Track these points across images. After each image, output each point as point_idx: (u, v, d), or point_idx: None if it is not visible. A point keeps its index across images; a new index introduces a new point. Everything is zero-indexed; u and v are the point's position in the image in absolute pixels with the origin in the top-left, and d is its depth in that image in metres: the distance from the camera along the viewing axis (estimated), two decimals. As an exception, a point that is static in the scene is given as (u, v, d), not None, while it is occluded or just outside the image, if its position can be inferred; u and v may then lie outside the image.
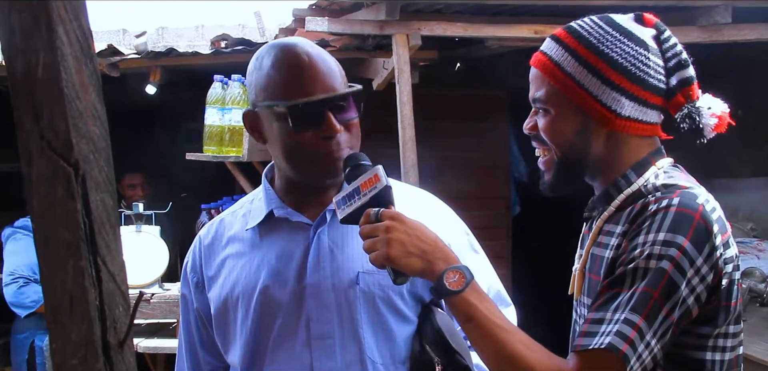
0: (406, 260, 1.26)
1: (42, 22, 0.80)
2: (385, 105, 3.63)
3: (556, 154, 1.36)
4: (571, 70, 1.31)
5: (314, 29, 3.54)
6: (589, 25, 1.34)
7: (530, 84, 1.38)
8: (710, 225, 1.21)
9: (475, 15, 3.63)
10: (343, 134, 1.40)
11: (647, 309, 1.18)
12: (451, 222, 1.59)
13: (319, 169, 1.41)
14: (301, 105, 1.36)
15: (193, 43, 5.19)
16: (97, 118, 0.87)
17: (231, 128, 3.45)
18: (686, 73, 1.32)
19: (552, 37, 1.37)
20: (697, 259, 1.20)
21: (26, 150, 0.84)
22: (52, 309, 0.88)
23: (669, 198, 1.23)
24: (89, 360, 0.87)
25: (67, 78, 0.82)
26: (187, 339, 1.60)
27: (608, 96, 1.30)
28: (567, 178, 1.38)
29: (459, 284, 1.25)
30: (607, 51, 1.30)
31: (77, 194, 0.84)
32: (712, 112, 1.32)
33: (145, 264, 3.57)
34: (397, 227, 1.27)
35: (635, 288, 1.19)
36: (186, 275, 1.58)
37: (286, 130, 1.38)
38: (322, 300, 1.43)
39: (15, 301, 3.67)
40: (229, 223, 1.56)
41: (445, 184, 4.30)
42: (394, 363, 1.46)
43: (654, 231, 1.21)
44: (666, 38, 1.34)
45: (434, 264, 1.27)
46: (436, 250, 1.28)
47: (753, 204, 4.84)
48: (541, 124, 1.36)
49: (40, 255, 0.87)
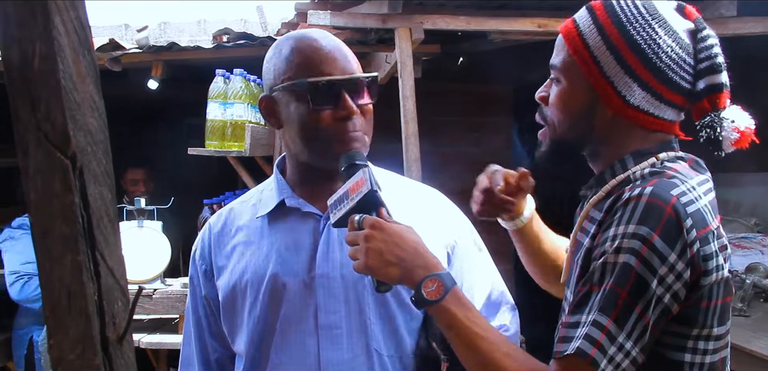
0: (384, 270, 1.25)
1: (38, 11, 0.79)
2: (388, 99, 3.61)
3: (556, 129, 1.33)
4: (591, 43, 1.27)
5: (316, 23, 3.51)
6: (626, 1, 1.29)
7: (554, 49, 1.35)
8: (682, 219, 1.14)
9: (478, 9, 3.60)
10: (357, 117, 1.43)
11: (616, 310, 1.13)
12: (455, 220, 1.60)
13: (333, 149, 1.42)
14: (321, 83, 1.41)
15: (195, 38, 5.18)
16: (95, 110, 0.86)
17: (233, 123, 3.44)
18: (717, 78, 1.26)
19: (587, 6, 1.33)
20: (670, 255, 1.13)
21: (23, 142, 0.83)
22: (50, 304, 0.86)
23: (642, 187, 1.17)
24: (87, 355, 0.86)
25: (64, 69, 0.81)
26: (196, 324, 1.60)
27: (620, 80, 1.25)
28: (560, 155, 1.34)
29: (437, 293, 1.22)
30: (632, 32, 1.25)
31: (75, 187, 0.83)
32: (735, 126, 1.27)
33: (147, 259, 3.55)
34: (375, 235, 1.25)
35: (604, 285, 1.15)
36: (195, 262, 1.59)
37: (305, 108, 1.42)
38: (330, 291, 1.44)
39: (22, 297, 3.68)
40: (239, 212, 1.57)
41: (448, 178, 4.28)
42: (399, 356, 1.47)
43: (624, 222, 1.15)
44: (703, 36, 1.28)
45: (413, 273, 1.24)
46: (415, 258, 1.25)
47: (756, 200, 4.82)
48: (553, 92, 1.33)
49: (38, 249, 0.86)
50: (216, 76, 3.47)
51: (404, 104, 3.40)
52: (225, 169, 3.84)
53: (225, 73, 3.47)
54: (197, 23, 6.27)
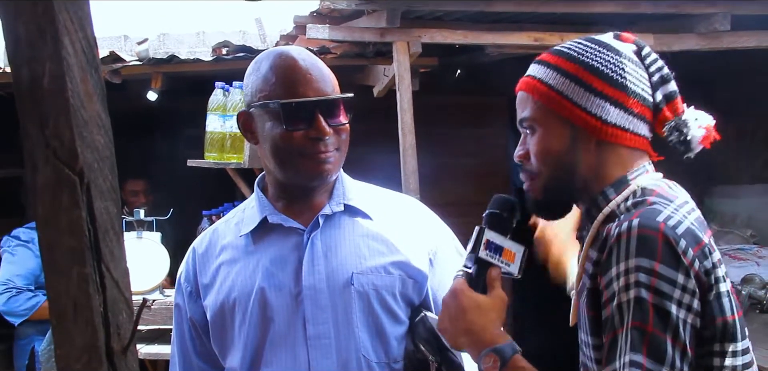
0: (454, 340, 1.31)
1: (48, 33, 0.82)
2: (386, 112, 3.64)
3: (544, 174, 1.33)
4: (554, 83, 1.31)
5: (315, 36, 3.55)
6: (570, 43, 1.35)
7: (517, 109, 1.37)
8: (674, 242, 1.16)
9: (475, 22, 3.64)
10: (331, 137, 1.46)
11: (645, 345, 1.13)
12: (435, 228, 1.64)
13: (306, 169, 1.46)
14: (294, 104, 1.44)
15: (194, 50, 5.21)
16: (102, 128, 0.88)
17: (232, 135, 3.46)
18: (670, 87, 1.32)
19: (536, 60, 1.38)
20: (678, 277, 1.15)
21: (32, 158, 0.86)
22: (56, 315, 0.89)
23: (629, 220, 1.18)
24: (93, 365, 0.88)
25: (72, 88, 0.83)
26: (181, 348, 1.62)
27: (592, 103, 1.29)
28: (553, 199, 1.36)
29: (495, 368, 1.25)
30: (588, 60, 1.30)
31: (82, 202, 0.85)
32: (699, 124, 1.31)
33: (146, 270, 3.57)
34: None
35: (626, 324, 1.15)
36: (180, 285, 1.61)
37: (278, 129, 1.45)
38: (317, 302, 1.48)
39: (6, 310, 3.73)
40: (223, 232, 1.60)
41: (445, 190, 4.32)
42: (388, 362, 1.51)
43: (623, 259, 1.17)
44: (646, 54, 1.35)
45: (478, 346, 1.29)
46: (482, 333, 1.29)
47: (751, 211, 4.85)
48: (531, 144, 1.34)
49: (45, 262, 0.89)
50: (215, 89, 3.50)
51: (402, 116, 3.43)
52: (224, 181, 3.86)
53: (224, 85, 3.50)
54: (196, 35, 6.31)
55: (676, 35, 3.62)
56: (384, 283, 1.48)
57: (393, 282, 1.50)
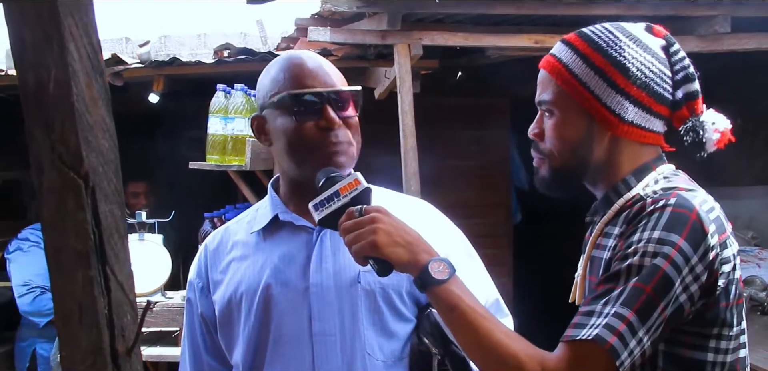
0: (392, 249, 1.28)
1: (54, 39, 0.83)
2: (387, 114, 3.65)
3: (557, 158, 1.37)
4: (578, 72, 1.33)
5: (316, 39, 3.56)
6: (600, 29, 1.36)
7: (538, 86, 1.39)
8: (706, 225, 1.22)
9: (476, 25, 3.65)
10: (341, 129, 1.48)
11: (638, 303, 1.18)
12: (447, 231, 1.64)
13: (318, 160, 1.47)
14: (303, 94, 1.47)
15: (195, 52, 5.22)
16: (107, 132, 0.89)
17: (234, 137, 3.47)
18: (692, 86, 1.34)
19: (562, 40, 1.39)
20: (693, 258, 1.20)
21: (37, 162, 0.87)
22: (61, 318, 0.90)
23: (666, 198, 1.24)
24: (98, 367, 0.89)
25: (77, 93, 0.84)
26: (191, 344, 1.64)
27: (613, 99, 1.31)
28: (563, 181, 1.39)
29: (444, 273, 1.27)
30: (614, 54, 1.32)
31: (87, 205, 0.86)
32: (715, 127, 1.33)
33: (147, 272, 3.58)
34: (383, 219, 1.30)
35: (627, 283, 1.19)
36: (192, 282, 1.63)
37: (289, 121, 1.47)
38: (324, 299, 1.49)
39: (33, 310, 3.69)
40: (235, 230, 1.63)
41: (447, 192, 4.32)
42: (393, 361, 1.51)
43: (650, 229, 1.22)
44: (675, 50, 1.36)
45: (419, 256, 1.29)
46: (420, 242, 1.31)
47: (752, 213, 4.86)
48: (547, 125, 1.37)
49: (51, 265, 0.89)
50: (217, 91, 3.50)
51: (403, 118, 3.44)
52: (225, 183, 3.87)
53: (226, 88, 3.50)
54: (198, 37, 6.31)
55: (676, 37, 3.61)
56: (391, 282, 1.48)
57: (400, 281, 1.51)
